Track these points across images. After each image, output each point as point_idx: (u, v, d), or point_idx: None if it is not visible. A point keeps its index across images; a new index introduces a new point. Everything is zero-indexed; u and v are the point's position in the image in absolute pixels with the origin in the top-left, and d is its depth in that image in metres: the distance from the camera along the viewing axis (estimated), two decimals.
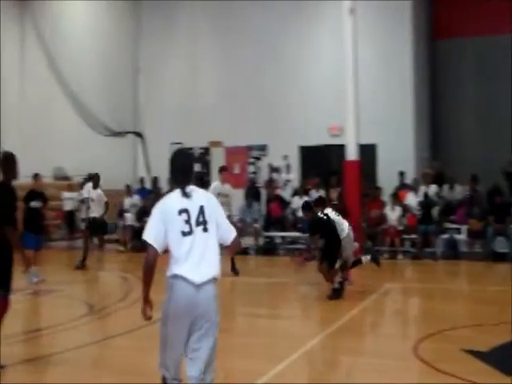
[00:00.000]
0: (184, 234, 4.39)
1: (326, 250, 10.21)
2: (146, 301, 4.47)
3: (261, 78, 19.22)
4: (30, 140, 21.03)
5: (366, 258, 10.89)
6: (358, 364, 6.93)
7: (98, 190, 14.30)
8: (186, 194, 4.49)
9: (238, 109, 19.37)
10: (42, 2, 21.88)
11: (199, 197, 4.53)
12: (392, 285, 11.85)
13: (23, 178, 7.98)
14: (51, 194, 17.26)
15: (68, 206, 18.96)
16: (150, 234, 4.40)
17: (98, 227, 14.36)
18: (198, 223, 4.43)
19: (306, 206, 10.99)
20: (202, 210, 4.46)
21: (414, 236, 15.27)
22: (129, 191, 18.48)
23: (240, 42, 19.51)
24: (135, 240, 16.93)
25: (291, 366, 6.67)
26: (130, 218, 17.73)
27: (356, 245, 11.28)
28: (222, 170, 13.16)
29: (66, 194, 19.07)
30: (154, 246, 4.36)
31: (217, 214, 4.56)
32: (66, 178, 21.12)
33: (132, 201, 18.20)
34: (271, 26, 19.11)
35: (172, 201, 4.50)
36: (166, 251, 4.47)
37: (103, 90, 20.28)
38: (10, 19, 21.83)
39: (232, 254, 11.39)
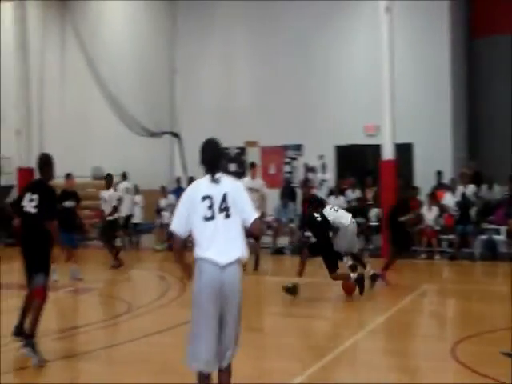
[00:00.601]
0: (206, 219, 4.63)
1: (320, 253, 10.15)
2: (185, 268, 4.82)
3: (296, 77, 19.17)
4: (69, 140, 21.28)
5: (346, 259, 10.82)
6: (394, 365, 6.90)
7: (111, 191, 14.31)
8: (214, 180, 4.71)
9: (274, 109, 19.35)
10: (83, 2, 22.10)
11: (226, 184, 4.74)
12: (430, 285, 11.75)
13: (57, 179, 8.09)
14: (89, 193, 17.52)
15: None
16: (175, 223, 4.72)
17: (100, 231, 14.23)
18: (220, 209, 4.66)
19: (310, 201, 11.04)
20: (224, 197, 4.67)
21: (451, 236, 15.09)
22: (164, 192, 18.65)
23: (276, 42, 19.47)
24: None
25: (327, 366, 6.67)
26: (167, 216, 17.91)
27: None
28: (252, 166, 13.76)
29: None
30: (178, 232, 4.69)
31: (241, 199, 4.74)
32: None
33: (167, 201, 18.37)
34: (307, 25, 19.02)
35: (199, 187, 4.75)
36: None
37: (140, 90, 20.44)
38: (51, 20, 22.16)
39: (255, 235, 11.20)
